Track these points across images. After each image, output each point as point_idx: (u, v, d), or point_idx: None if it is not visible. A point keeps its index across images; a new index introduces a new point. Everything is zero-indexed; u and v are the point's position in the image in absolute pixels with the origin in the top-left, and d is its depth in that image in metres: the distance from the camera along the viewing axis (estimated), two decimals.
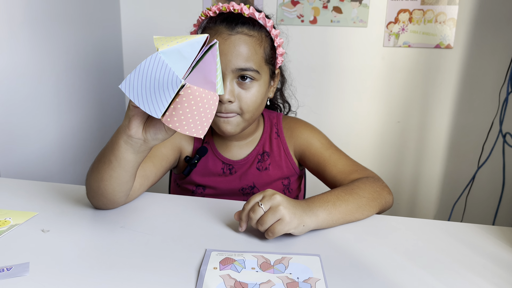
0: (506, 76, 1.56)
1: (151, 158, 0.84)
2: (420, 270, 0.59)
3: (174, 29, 1.94)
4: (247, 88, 0.81)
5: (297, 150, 0.94)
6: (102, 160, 0.68)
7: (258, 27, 0.83)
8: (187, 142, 0.93)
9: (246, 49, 0.80)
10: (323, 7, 1.86)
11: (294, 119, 0.98)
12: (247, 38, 0.80)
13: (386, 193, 0.79)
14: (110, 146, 0.66)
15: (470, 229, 0.73)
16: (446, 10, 1.78)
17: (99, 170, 0.68)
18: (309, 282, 0.54)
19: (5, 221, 0.70)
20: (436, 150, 1.93)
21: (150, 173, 0.82)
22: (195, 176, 0.93)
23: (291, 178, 0.96)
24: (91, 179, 0.70)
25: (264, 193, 0.65)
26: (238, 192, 0.93)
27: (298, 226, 0.64)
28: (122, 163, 0.65)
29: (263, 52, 0.83)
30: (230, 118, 0.83)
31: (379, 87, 1.91)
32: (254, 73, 0.81)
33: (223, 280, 0.54)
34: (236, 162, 0.93)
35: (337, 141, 0.99)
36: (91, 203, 0.75)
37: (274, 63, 0.88)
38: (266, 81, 0.85)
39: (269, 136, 0.95)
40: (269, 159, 0.94)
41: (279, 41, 0.86)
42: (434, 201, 1.99)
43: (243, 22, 0.81)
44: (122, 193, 0.71)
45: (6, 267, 0.56)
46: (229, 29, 0.80)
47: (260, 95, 0.83)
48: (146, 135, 0.62)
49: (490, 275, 0.58)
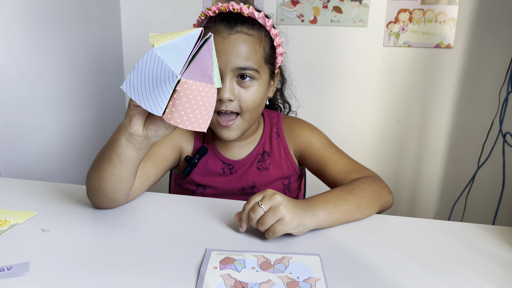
0: (506, 75, 1.56)
1: (152, 158, 0.84)
2: (420, 269, 0.59)
3: (174, 29, 1.94)
4: (246, 87, 0.81)
5: (297, 150, 0.94)
6: (103, 158, 0.68)
7: (257, 27, 0.83)
8: (187, 142, 0.93)
9: (246, 48, 0.80)
10: (323, 7, 1.86)
11: (294, 119, 0.98)
12: (246, 37, 0.80)
13: (386, 192, 0.79)
14: (111, 144, 0.66)
15: (470, 228, 0.73)
16: (446, 10, 1.78)
17: (99, 168, 0.68)
18: (309, 281, 0.54)
19: (5, 220, 0.70)
20: (436, 150, 1.93)
21: (150, 172, 0.82)
22: (195, 176, 0.93)
23: (291, 178, 0.96)
24: (92, 177, 0.70)
25: (264, 193, 0.65)
26: (239, 192, 0.93)
27: (299, 226, 0.64)
28: (123, 160, 0.66)
29: (262, 52, 0.83)
30: (230, 124, 0.83)
31: (379, 87, 1.91)
32: (254, 72, 0.81)
33: (223, 280, 0.54)
34: (237, 162, 0.93)
35: (337, 140, 1.00)
36: (91, 203, 0.75)
37: (274, 62, 0.88)
38: (266, 80, 0.85)
39: (269, 136, 0.95)
40: (269, 159, 0.94)
41: (279, 41, 0.86)
42: (434, 200, 1.99)
43: (243, 21, 0.81)
44: (122, 191, 0.71)
45: (7, 267, 0.56)
46: (229, 28, 0.80)
47: (259, 94, 0.83)
48: (147, 132, 0.62)
49: (490, 275, 0.58)
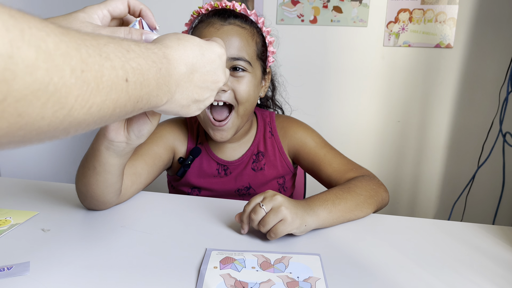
0: (506, 75, 1.56)
1: (143, 156, 0.83)
2: (420, 269, 0.59)
3: (174, 29, 1.94)
4: (240, 78, 0.81)
5: (291, 149, 0.94)
6: (86, 166, 0.67)
7: (249, 22, 0.84)
8: (180, 143, 0.93)
9: (239, 39, 0.80)
10: (323, 7, 1.86)
11: (287, 118, 0.98)
12: (239, 29, 0.81)
13: (382, 190, 0.80)
14: (92, 153, 0.64)
15: (470, 228, 0.73)
16: (446, 10, 1.77)
17: (84, 175, 0.68)
18: (309, 281, 0.54)
19: (5, 220, 0.70)
20: (436, 150, 1.93)
21: (142, 170, 0.81)
22: (190, 177, 0.92)
23: (286, 177, 0.96)
24: (79, 183, 0.70)
25: (264, 194, 0.65)
26: (234, 193, 0.93)
27: (300, 226, 0.64)
28: (107, 168, 0.65)
29: (255, 46, 0.84)
30: (224, 124, 0.82)
31: (379, 87, 1.91)
32: (247, 63, 0.81)
33: (223, 280, 0.54)
34: (231, 163, 0.92)
35: (338, 140, 1.00)
36: (84, 206, 0.75)
37: (266, 60, 0.88)
38: (258, 76, 0.85)
39: (263, 136, 0.94)
40: (264, 159, 0.93)
41: (270, 39, 0.87)
42: (434, 200, 1.99)
43: (235, 16, 0.82)
44: (111, 194, 0.71)
45: (7, 266, 0.56)
46: (222, 20, 0.81)
47: (252, 86, 0.83)
48: (129, 135, 0.59)
49: (490, 274, 0.58)
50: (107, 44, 0.34)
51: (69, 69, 0.29)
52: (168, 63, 0.41)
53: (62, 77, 0.29)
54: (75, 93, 0.30)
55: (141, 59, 0.37)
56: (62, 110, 0.30)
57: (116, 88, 0.34)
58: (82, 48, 0.31)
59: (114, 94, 0.34)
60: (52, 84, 0.28)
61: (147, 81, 0.38)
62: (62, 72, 0.29)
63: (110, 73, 0.33)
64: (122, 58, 0.35)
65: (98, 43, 0.33)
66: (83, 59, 0.31)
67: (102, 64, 0.32)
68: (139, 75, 0.36)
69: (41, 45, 0.27)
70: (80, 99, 0.30)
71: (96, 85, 0.32)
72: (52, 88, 0.28)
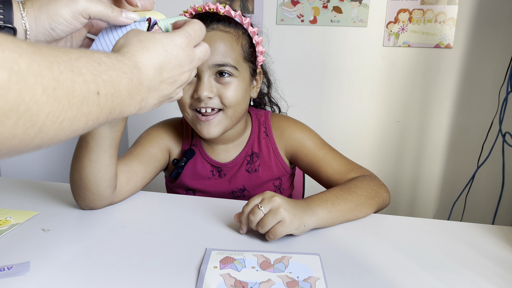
0: (506, 75, 1.57)
1: (137, 156, 0.83)
2: (419, 269, 0.59)
3: None
4: (226, 84, 0.80)
5: (288, 150, 0.92)
6: (79, 145, 0.70)
7: (234, 25, 0.82)
8: (175, 145, 0.92)
9: (223, 44, 0.79)
10: (323, 7, 1.86)
11: (283, 117, 0.96)
12: (223, 34, 0.80)
13: (383, 191, 0.79)
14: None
15: (469, 228, 0.73)
16: (446, 10, 1.78)
17: (78, 158, 0.70)
18: (309, 281, 0.54)
19: (5, 220, 0.70)
20: (435, 150, 1.93)
21: (137, 169, 0.81)
22: (185, 179, 0.91)
23: (282, 178, 0.94)
24: (73, 172, 0.72)
25: (263, 195, 0.65)
26: (229, 195, 0.92)
27: (299, 226, 0.64)
28: (99, 141, 0.67)
29: (240, 49, 0.82)
30: (211, 119, 0.81)
31: (379, 87, 1.91)
32: (232, 69, 0.80)
33: (223, 279, 0.54)
34: (225, 165, 0.91)
35: (337, 140, 1.00)
36: (79, 205, 0.75)
37: (255, 61, 0.87)
38: (246, 78, 0.84)
39: (257, 136, 0.92)
40: (259, 160, 0.91)
41: (258, 39, 0.85)
42: (434, 200, 1.99)
43: (218, 19, 0.81)
44: (105, 182, 0.71)
45: (7, 266, 0.56)
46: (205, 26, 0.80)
47: (240, 90, 0.81)
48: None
49: (489, 274, 0.58)
50: (78, 58, 0.34)
51: (41, 88, 0.30)
52: (139, 72, 0.42)
53: (34, 96, 0.29)
54: (46, 110, 0.30)
55: (112, 71, 0.38)
56: (33, 127, 0.30)
57: (88, 102, 0.34)
58: (54, 65, 0.31)
59: (86, 108, 0.34)
60: (23, 103, 0.28)
61: (118, 92, 0.38)
62: (33, 91, 0.29)
63: (82, 88, 0.33)
64: (93, 72, 0.35)
65: (70, 58, 0.33)
66: (55, 77, 0.31)
67: (74, 80, 0.33)
68: (110, 87, 0.37)
69: (13, 67, 0.28)
70: (51, 115, 0.31)
71: (67, 101, 0.32)
72: (23, 108, 0.29)
